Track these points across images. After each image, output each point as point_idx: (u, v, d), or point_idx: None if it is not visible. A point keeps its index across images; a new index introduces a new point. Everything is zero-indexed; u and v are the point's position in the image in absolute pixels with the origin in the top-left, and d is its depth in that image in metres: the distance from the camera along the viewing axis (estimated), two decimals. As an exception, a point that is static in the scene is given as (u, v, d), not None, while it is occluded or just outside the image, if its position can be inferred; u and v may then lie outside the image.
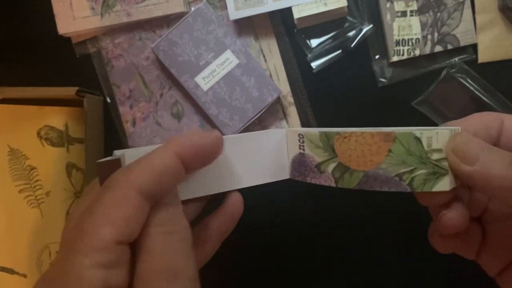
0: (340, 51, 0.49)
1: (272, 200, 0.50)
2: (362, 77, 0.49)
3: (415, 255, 0.49)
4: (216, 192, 0.27)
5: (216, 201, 0.29)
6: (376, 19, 0.48)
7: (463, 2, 0.47)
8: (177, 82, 0.48)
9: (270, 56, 0.49)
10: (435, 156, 0.24)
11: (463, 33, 0.47)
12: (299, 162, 0.28)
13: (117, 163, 0.24)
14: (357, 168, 0.25)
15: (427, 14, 0.48)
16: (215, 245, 0.28)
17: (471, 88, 0.47)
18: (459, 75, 0.48)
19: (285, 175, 0.29)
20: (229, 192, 0.28)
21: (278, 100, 0.49)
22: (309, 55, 0.49)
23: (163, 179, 0.22)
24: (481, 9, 0.47)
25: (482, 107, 0.47)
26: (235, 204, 0.28)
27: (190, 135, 0.23)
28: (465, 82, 0.47)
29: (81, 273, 0.18)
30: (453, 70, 0.48)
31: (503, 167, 0.22)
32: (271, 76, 0.49)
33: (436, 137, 0.24)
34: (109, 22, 0.48)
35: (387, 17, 0.48)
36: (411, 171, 0.24)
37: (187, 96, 0.49)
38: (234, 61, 0.47)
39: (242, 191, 0.29)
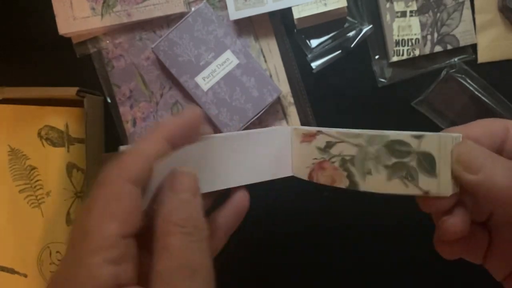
0: (340, 51, 0.49)
1: (273, 198, 0.50)
2: (362, 77, 0.49)
3: (416, 253, 0.49)
4: (222, 188, 0.27)
5: (222, 197, 0.29)
6: (376, 19, 0.49)
7: (462, 3, 0.47)
8: (177, 82, 0.48)
9: (270, 56, 0.49)
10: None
11: (462, 33, 0.48)
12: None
13: None
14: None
15: (426, 15, 0.48)
16: (222, 240, 0.28)
17: (471, 88, 0.47)
18: (459, 75, 0.48)
19: (287, 172, 0.30)
20: (235, 188, 0.29)
21: (278, 100, 0.49)
22: (309, 55, 0.49)
23: (153, 163, 0.22)
24: (481, 9, 0.47)
25: (481, 107, 0.48)
26: (242, 200, 0.29)
27: (171, 117, 0.25)
28: (464, 82, 0.48)
29: (91, 272, 0.19)
30: (453, 70, 0.48)
31: (506, 177, 0.21)
32: (271, 76, 0.49)
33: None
34: (110, 23, 0.48)
35: (387, 18, 0.48)
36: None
37: (187, 96, 0.49)
38: (234, 61, 0.47)
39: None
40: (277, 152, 0.29)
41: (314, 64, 0.49)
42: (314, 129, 0.28)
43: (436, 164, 0.23)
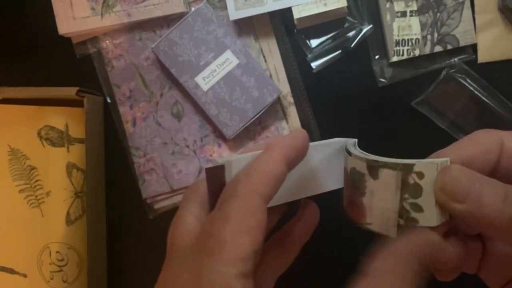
0: (340, 51, 0.49)
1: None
2: (362, 77, 0.49)
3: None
4: (299, 198, 0.28)
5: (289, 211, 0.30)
6: (376, 19, 0.49)
7: (462, 2, 0.47)
8: (177, 82, 0.48)
9: (270, 56, 0.49)
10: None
11: (463, 33, 0.47)
12: None
13: (221, 170, 0.24)
14: None
15: (426, 14, 0.48)
16: (296, 250, 0.29)
17: (471, 88, 0.47)
18: (459, 75, 0.48)
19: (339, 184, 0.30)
20: (306, 202, 0.29)
21: (278, 100, 0.49)
22: (309, 55, 0.49)
23: (278, 183, 0.22)
24: (481, 9, 0.47)
25: (482, 107, 0.48)
26: (314, 211, 0.29)
27: (287, 137, 0.24)
28: (464, 82, 0.47)
29: (227, 281, 0.19)
30: (453, 70, 0.48)
31: (495, 204, 0.20)
32: (271, 76, 0.49)
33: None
34: (109, 22, 0.48)
35: (387, 17, 0.48)
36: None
37: (187, 96, 0.49)
38: (234, 61, 0.47)
39: None
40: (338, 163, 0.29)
41: (314, 64, 0.49)
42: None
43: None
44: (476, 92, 0.47)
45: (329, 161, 0.29)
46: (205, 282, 0.19)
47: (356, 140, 0.29)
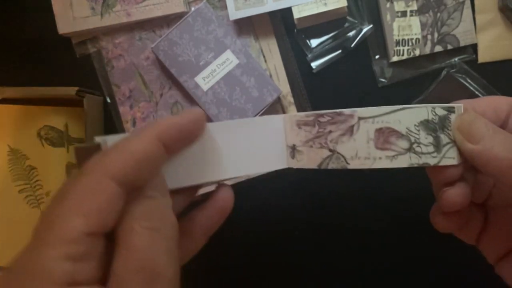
0: (340, 51, 0.49)
1: (268, 196, 0.50)
2: (362, 77, 0.49)
3: (414, 253, 0.49)
4: (207, 181, 0.25)
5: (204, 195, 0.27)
6: (376, 19, 0.48)
7: (463, 2, 0.47)
8: (177, 82, 0.48)
9: (270, 56, 0.49)
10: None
11: (463, 33, 0.47)
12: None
13: (97, 150, 0.22)
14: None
15: (427, 14, 0.48)
16: (200, 240, 0.26)
17: (471, 88, 0.47)
18: (459, 75, 0.48)
19: (281, 164, 0.27)
20: (220, 185, 0.26)
21: (278, 100, 0.49)
22: (309, 55, 0.49)
23: (142, 165, 0.20)
24: (481, 9, 0.47)
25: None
26: (225, 198, 0.26)
27: (170, 116, 0.22)
28: (465, 82, 0.47)
29: (46, 265, 0.17)
30: (453, 70, 0.48)
31: (505, 149, 0.22)
32: (271, 76, 0.49)
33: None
34: (109, 22, 0.48)
35: (387, 17, 0.48)
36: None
37: (187, 96, 0.49)
38: (234, 61, 0.47)
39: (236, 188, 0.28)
40: (269, 142, 0.27)
41: (314, 64, 0.49)
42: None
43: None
44: (477, 92, 0.47)
45: (260, 140, 0.26)
46: (26, 266, 0.18)
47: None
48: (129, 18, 0.48)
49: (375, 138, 0.25)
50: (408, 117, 0.24)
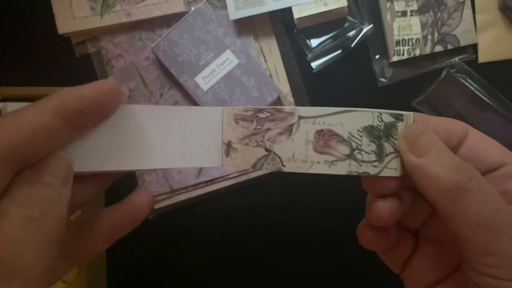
0: (340, 51, 0.49)
1: (263, 199, 0.50)
2: (362, 77, 0.49)
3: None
4: (126, 169, 0.22)
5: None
6: (376, 19, 0.48)
7: (463, 2, 0.47)
8: (177, 82, 0.48)
9: (270, 56, 0.49)
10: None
11: (463, 33, 0.47)
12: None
13: None
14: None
15: (427, 14, 0.47)
16: (98, 244, 0.22)
17: (471, 88, 0.47)
18: (460, 75, 0.48)
19: (216, 161, 0.24)
20: (140, 189, 0.23)
21: (278, 100, 0.49)
22: (309, 55, 0.49)
23: (34, 139, 0.17)
24: (482, 9, 0.47)
25: (482, 107, 0.47)
26: (140, 205, 0.22)
27: (76, 87, 0.19)
28: (465, 82, 0.47)
29: None
30: (454, 70, 0.48)
31: (448, 170, 0.20)
32: (271, 76, 0.49)
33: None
34: (109, 22, 0.48)
35: (387, 17, 0.48)
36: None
37: (187, 96, 0.49)
38: (234, 61, 0.47)
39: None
40: (204, 136, 0.24)
41: (314, 64, 0.49)
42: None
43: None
44: (477, 92, 0.47)
45: (194, 132, 0.24)
46: None
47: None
48: (129, 18, 0.48)
49: (314, 141, 0.23)
50: (352, 121, 0.23)
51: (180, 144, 0.23)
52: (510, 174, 0.22)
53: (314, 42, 0.49)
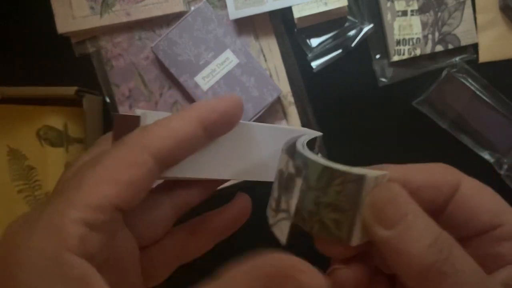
0: (340, 50, 0.48)
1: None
2: (362, 77, 0.49)
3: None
4: (225, 178, 0.24)
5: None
6: (377, 18, 0.48)
7: (464, 2, 0.47)
8: (176, 81, 0.48)
9: (270, 55, 0.49)
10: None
11: (464, 32, 0.47)
12: None
13: (135, 121, 0.22)
14: None
15: (427, 14, 0.47)
16: (208, 244, 0.25)
17: (472, 88, 0.47)
18: (460, 74, 0.47)
19: None
20: (239, 194, 0.26)
21: (278, 100, 0.49)
22: (309, 55, 0.49)
23: (182, 145, 0.19)
24: (482, 8, 0.47)
25: (483, 107, 0.47)
26: (244, 206, 0.25)
27: (210, 100, 0.21)
28: (466, 82, 0.47)
29: (62, 223, 0.17)
30: (454, 70, 0.47)
31: (421, 246, 0.17)
32: (271, 76, 0.49)
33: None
34: (109, 22, 0.48)
35: (388, 17, 0.47)
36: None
37: (187, 95, 0.48)
38: (234, 60, 0.47)
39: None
40: None
41: (314, 64, 0.49)
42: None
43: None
44: (477, 92, 0.47)
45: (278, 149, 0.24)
46: (41, 219, 0.17)
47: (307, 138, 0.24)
48: (129, 18, 0.48)
49: None
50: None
51: (272, 159, 0.24)
52: (504, 236, 0.19)
53: (314, 42, 0.49)
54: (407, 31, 0.47)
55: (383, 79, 0.48)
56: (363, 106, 0.49)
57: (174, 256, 0.24)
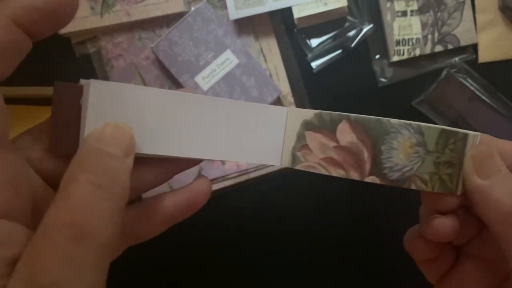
0: (340, 51, 0.49)
1: (267, 196, 0.50)
2: (362, 77, 0.49)
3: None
4: (186, 156, 0.23)
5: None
6: (377, 18, 0.48)
7: (463, 2, 0.47)
8: (177, 82, 0.48)
9: (270, 56, 0.49)
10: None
11: (463, 33, 0.47)
12: None
13: (79, 91, 0.21)
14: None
15: (427, 14, 0.47)
16: (160, 226, 0.23)
17: (472, 88, 0.47)
18: (460, 75, 0.47)
19: (275, 160, 0.24)
20: (200, 176, 0.25)
21: (278, 100, 0.49)
22: (309, 55, 0.49)
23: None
24: (482, 8, 0.47)
25: (482, 107, 0.47)
26: (201, 190, 0.24)
27: None
28: (465, 82, 0.47)
29: None
30: (454, 70, 0.47)
31: (510, 195, 0.21)
32: (271, 76, 0.49)
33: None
34: (109, 22, 0.48)
35: (388, 17, 0.48)
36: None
37: (187, 96, 0.48)
38: (234, 61, 0.47)
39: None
40: (267, 133, 0.24)
41: (314, 64, 0.49)
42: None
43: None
44: (477, 92, 0.47)
45: (256, 128, 0.24)
46: None
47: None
48: (129, 18, 0.48)
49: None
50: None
51: (240, 139, 0.24)
52: None
53: (314, 42, 0.49)
54: (406, 31, 0.47)
55: (383, 79, 0.49)
56: (363, 106, 0.49)
57: (127, 236, 0.23)
